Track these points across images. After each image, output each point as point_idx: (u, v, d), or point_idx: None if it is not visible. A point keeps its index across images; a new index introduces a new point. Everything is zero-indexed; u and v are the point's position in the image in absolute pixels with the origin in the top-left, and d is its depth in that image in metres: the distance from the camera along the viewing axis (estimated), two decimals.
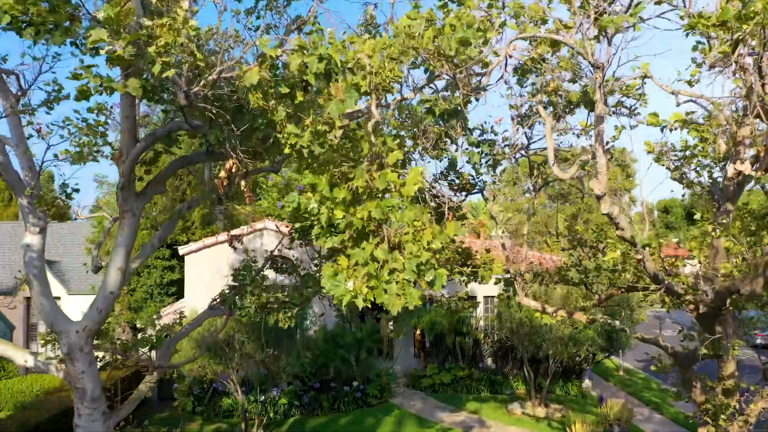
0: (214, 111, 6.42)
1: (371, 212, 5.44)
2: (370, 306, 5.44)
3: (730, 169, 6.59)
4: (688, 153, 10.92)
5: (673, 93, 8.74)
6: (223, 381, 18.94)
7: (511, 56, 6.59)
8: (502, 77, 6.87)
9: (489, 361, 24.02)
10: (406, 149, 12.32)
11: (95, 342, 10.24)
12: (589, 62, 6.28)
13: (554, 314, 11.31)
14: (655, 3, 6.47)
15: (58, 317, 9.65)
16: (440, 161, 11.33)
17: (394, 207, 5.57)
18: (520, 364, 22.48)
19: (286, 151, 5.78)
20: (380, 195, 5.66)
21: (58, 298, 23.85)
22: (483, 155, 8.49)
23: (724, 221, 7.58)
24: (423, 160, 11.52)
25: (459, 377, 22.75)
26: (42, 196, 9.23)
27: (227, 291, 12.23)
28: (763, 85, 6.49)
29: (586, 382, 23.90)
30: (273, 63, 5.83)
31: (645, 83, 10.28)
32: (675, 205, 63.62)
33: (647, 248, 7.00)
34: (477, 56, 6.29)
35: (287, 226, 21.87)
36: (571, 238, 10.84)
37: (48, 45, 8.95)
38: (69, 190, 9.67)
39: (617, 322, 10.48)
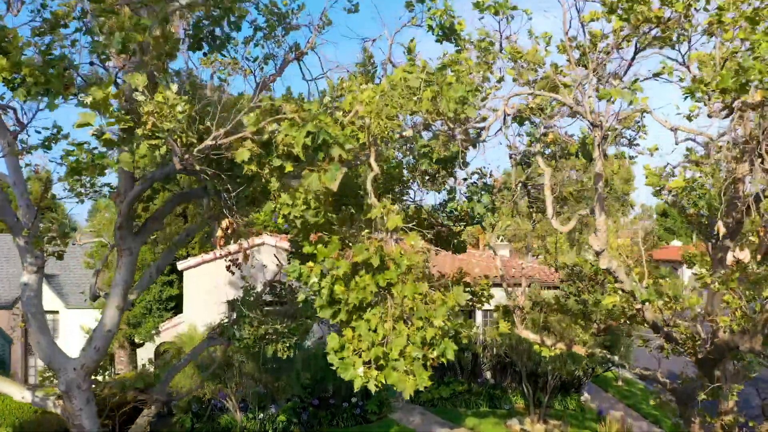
0: (210, 172, 6.40)
1: (368, 286, 5.45)
2: (380, 386, 5.49)
3: (729, 256, 6.57)
4: (686, 187, 10.91)
5: (672, 129, 8.72)
6: (221, 399, 18.95)
7: (509, 114, 6.57)
8: (500, 129, 6.86)
9: (488, 375, 24.03)
10: (405, 178, 12.32)
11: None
12: (588, 121, 6.26)
13: (553, 347, 11.33)
14: (655, 75, 6.46)
15: (55, 354, 9.64)
16: (439, 193, 11.33)
17: (393, 279, 5.57)
18: (519, 378, 22.47)
19: (280, 221, 5.79)
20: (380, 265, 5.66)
21: (57, 312, 23.83)
22: (481, 201, 8.48)
23: (722, 272, 7.57)
24: (422, 191, 11.52)
25: (458, 392, 22.75)
26: (39, 236, 9.20)
27: (225, 320, 12.24)
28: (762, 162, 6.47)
29: (585, 395, 23.93)
30: (264, 139, 5.79)
31: (644, 116, 10.29)
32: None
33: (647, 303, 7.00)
34: (475, 116, 6.27)
35: (285, 241, 21.77)
36: (570, 272, 10.83)
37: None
38: (67, 230, 9.65)
39: (616, 357, 10.49)
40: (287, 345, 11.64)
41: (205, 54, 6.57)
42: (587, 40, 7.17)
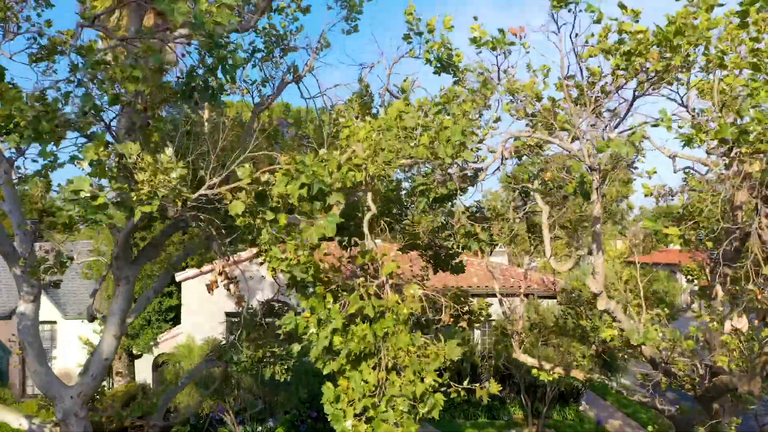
0: (203, 218, 6.38)
1: (366, 336, 5.43)
2: None
3: (727, 326, 6.55)
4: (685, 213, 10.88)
5: (670, 157, 8.69)
6: (219, 413, 18.93)
7: (506, 158, 6.54)
8: (498, 168, 6.84)
9: (487, 385, 23.99)
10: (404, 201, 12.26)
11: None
12: (587, 165, 6.23)
13: (551, 371, 11.32)
14: (653, 126, 6.43)
15: (52, 383, 9.61)
16: (436, 218, 11.28)
17: (390, 329, 5.55)
18: (518, 389, 22.48)
19: (269, 274, 5.79)
20: (376, 314, 5.65)
21: (54, 322, 23.78)
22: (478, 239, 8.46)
23: (720, 308, 7.54)
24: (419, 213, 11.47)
25: (456, 402, 22.71)
26: (36, 266, 9.16)
27: (223, 341, 12.23)
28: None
29: (583, 405, 23.94)
30: (258, 191, 5.77)
31: (642, 141, 10.24)
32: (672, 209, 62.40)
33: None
34: (472, 159, 6.25)
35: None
36: (567, 298, 10.81)
37: None
38: (64, 259, 9.61)
39: (614, 383, 10.47)
40: (285, 367, 11.63)
41: (196, 103, 6.54)
42: (585, 79, 7.13)
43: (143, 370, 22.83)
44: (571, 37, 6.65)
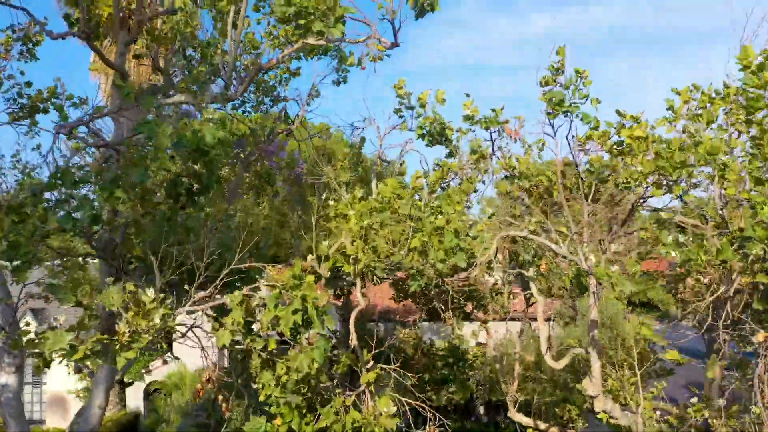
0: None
1: None
2: None
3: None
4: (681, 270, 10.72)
5: (668, 220, 8.52)
6: None
7: (501, 263, 6.34)
8: (491, 263, 6.61)
9: (481, 410, 23.86)
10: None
11: None
12: (584, 269, 6.02)
13: None
14: (651, 248, 6.24)
15: None
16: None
17: None
18: None
19: (262, 398, 5.61)
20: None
21: None
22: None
23: (720, 404, 7.38)
24: None
25: (451, 429, 22.55)
26: (18, 338, 8.88)
27: (216, 395, 12.00)
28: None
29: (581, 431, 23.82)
30: (247, 319, 5.56)
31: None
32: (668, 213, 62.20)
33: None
34: (464, 265, 6.04)
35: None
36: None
37: None
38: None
39: None
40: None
41: (183, 207, 6.31)
42: (583, 165, 6.94)
43: (135, 398, 22.57)
44: (567, 138, 6.45)
